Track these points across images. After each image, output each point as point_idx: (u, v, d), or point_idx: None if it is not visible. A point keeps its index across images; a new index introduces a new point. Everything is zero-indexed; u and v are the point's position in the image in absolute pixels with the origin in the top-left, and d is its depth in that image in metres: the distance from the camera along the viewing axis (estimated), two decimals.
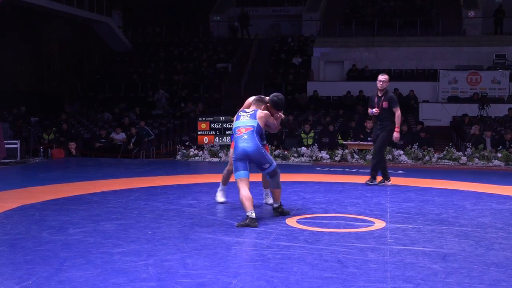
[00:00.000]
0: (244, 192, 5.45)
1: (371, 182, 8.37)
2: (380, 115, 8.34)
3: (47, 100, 20.38)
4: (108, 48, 24.11)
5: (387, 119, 8.33)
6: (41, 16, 20.00)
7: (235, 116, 6.02)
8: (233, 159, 5.78)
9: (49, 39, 21.03)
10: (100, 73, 23.33)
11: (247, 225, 5.20)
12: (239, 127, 5.86)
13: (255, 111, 5.86)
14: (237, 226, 5.22)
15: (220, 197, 6.60)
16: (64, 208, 6.14)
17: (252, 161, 5.68)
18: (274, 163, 5.81)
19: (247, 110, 5.99)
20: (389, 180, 8.46)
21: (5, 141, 11.32)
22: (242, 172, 5.59)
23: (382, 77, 8.34)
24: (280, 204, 5.92)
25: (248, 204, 5.34)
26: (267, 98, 5.99)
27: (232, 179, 6.15)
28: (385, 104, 8.25)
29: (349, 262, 4.06)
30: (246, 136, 5.71)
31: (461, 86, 19.69)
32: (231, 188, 6.55)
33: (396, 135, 8.32)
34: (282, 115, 6.04)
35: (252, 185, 5.75)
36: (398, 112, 8.26)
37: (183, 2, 27.09)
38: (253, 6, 26.64)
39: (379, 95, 8.36)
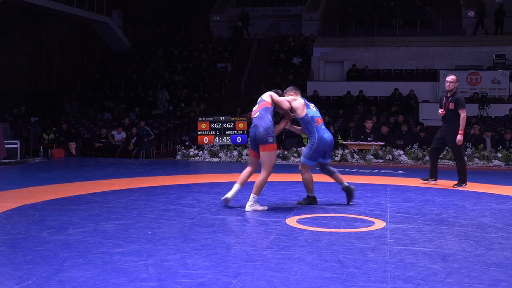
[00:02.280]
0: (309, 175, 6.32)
1: (458, 187, 8.27)
2: (446, 116, 8.23)
3: (47, 100, 20.39)
4: (108, 48, 24.11)
5: (452, 120, 8.15)
6: (41, 16, 20.00)
7: (304, 103, 6.35)
8: (315, 148, 6.22)
9: (49, 39, 21.03)
10: (100, 73, 23.34)
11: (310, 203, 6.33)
12: (316, 116, 6.36)
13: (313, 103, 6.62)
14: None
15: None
16: (64, 208, 6.14)
17: (330, 150, 6.46)
18: None
19: (306, 100, 6.46)
20: (466, 184, 8.36)
21: (5, 141, 11.32)
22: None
23: (449, 78, 8.23)
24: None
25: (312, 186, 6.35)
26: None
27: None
28: (451, 105, 8.12)
29: (349, 262, 4.06)
30: (324, 127, 6.35)
31: (461, 86, 19.59)
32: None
33: (459, 137, 8.05)
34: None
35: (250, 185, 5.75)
36: (463, 114, 8.03)
37: (183, 2, 27.09)
38: (253, 6, 26.63)
39: (448, 96, 8.25)
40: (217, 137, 13.26)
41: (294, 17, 26.26)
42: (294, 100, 6.32)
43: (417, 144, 12.64)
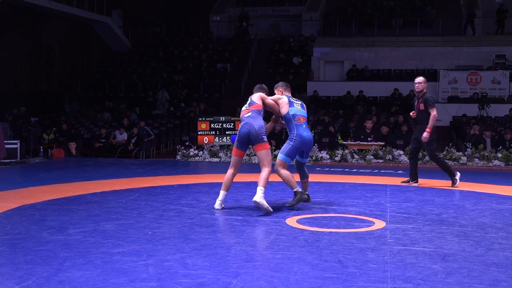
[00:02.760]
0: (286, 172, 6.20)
1: (455, 184, 8.32)
2: (418, 117, 8.36)
3: (47, 100, 20.39)
4: (108, 48, 24.11)
5: (425, 121, 8.21)
6: (41, 16, 20.00)
7: (288, 101, 6.34)
8: (293, 145, 6.18)
9: (49, 39, 21.03)
10: (100, 73, 23.34)
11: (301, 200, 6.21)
12: (298, 115, 6.29)
13: (302, 101, 6.55)
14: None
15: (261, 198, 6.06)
16: (64, 208, 6.14)
17: (308, 150, 6.39)
18: None
19: (291, 97, 6.44)
20: (416, 182, 8.50)
21: (5, 141, 11.32)
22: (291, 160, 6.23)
23: (418, 80, 8.36)
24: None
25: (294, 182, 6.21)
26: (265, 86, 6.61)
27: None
28: (421, 106, 8.23)
29: (349, 262, 4.06)
30: (304, 126, 6.29)
31: (461, 86, 19.70)
32: (231, 189, 6.53)
33: (425, 134, 8.13)
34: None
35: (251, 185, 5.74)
36: (433, 113, 8.11)
37: (183, 2, 27.09)
38: (253, 6, 26.63)
39: (418, 97, 8.38)
40: (217, 137, 13.26)
41: (294, 17, 26.26)
42: (279, 99, 6.37)
43: None
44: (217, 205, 6.16)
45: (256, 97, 6.28)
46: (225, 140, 13.25)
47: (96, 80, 22.68)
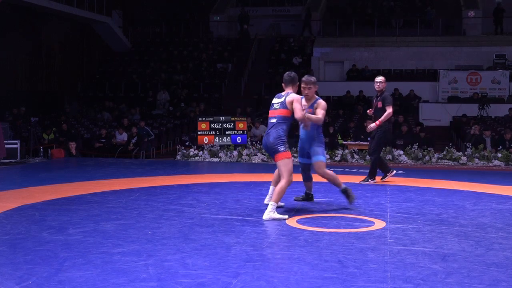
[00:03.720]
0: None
1: (366, 181, 8.70)
2: (375, 115, 8.55)
3: (47, 100, 20.39)
4: (108, 48, 24.11)
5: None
6: (41, 16, 19.99)
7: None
8: (323, 145, 6.25)
9: (49, 39, 21.03)
10: (100, 73, 23.33)
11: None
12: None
13: None
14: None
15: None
16: (64, 208, 6.14)
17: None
18: None
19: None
20: (374, 180, 8.72)
21: (5, 141, 11.32)
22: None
23: (378, 79, 8.61)
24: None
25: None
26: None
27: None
28: (379, 104, 8.45)
29: (349, 262, 4.06)
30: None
31: (461, 86, 19.69)
32: (231, 189, 6.53)
33: (372, 125, 8.43)
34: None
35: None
36: (389, 110, 8.32)
37: (183, 2, 27.08)
38: (253, 6, 26.63)
39: (377, 95, 8.63)
40: (217, 137, 13.25)
41: (294, 17, 26.25)
42: (320, 105, 6.28)
43: (417, 144, 12.64)
44: (267, 200, 6.25)
45: (291, 98, 5.89)
46: (225, 140, 13.25)
47: (96, 80, 22.67)
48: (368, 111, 8.77)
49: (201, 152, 12.91)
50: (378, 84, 8.52)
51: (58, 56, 21.61)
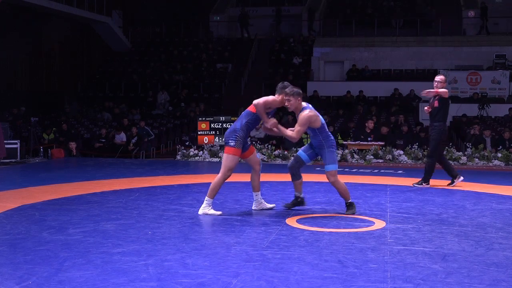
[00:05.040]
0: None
1: (420, 184, 8.38)
2: (432, 114, 8.48)
3: (47, 100, 20.38)
4: (108, 48, 24.10)
5: (437, 118, 8.40)
6: (41, 16, 19.99)
7: (316, 113, 5.91)
8: (335, 151, 5.98)
9: (49, 39, 21.02)
10: (99, 72, 23.33)
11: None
12: (325, 122, 6.11)
13: None
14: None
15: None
16: (64, 208, 6.14)
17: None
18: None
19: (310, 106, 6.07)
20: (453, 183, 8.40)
21: (5, 141, 11.32)
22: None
23: (437, 78, 8.54)
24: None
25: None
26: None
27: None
28: (436, 103, 8.37)
29: (349, 262, 4.06)
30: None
31: (461, 86, 19.68)
32: (231, 189, 6.54)
33: (429, 91, 8.40)
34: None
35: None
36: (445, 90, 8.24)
37: (183, 2, 27.07)
38: (253, 6, 26.62)
39: (435, 95, 8.48)
40: (217, 137, 13.25)
41: (294, 17, 26.24)
42: (310, 117, 5.84)
43: (417, 144, 12.63)
44: (255, 207, 6.15)
45: (257, 101, 5.79)
46: None
47: (96, 80, 22.66)
48: (425, 108, 8.67)
49: (201, 152, 12.91)
50: (436, 83, 8.43)
51: (58, 56, 21.60)
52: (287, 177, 8.97)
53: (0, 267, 3.85)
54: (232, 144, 5.76)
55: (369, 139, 12.82)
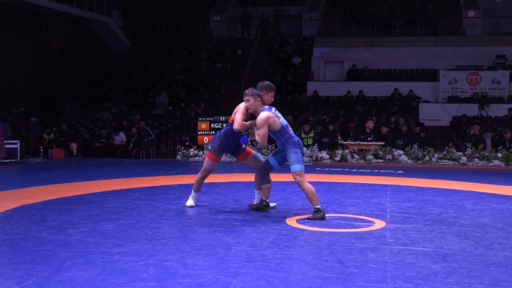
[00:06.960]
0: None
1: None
2: None
3: (47, 100, 20.39)
4: (108, 48, 24.11)
5: None
6: (41, 16, 19.99)
7: (275, 113, 5.96)
8: (301, 152, 5.79)
9: (49, 39, 21.02)
10: (99, 73, 23.33)
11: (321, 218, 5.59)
12: (287, 123, 6.04)
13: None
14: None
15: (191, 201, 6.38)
16: (64, 208, 6.14)
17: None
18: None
19: (273, 109, 6.10)
20: None
21: (5, 141, 11.32)
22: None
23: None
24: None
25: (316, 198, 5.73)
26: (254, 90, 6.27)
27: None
28: None
29: (349, 262, 4.06)
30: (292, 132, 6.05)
31: (461, 86, 19.69)
32: (231, 189, 6.53)
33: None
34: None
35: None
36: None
37: (183, 2, 27.08)
38: (253, 6, 26.62)
39: None
40: None
41: (294, 17, 26.24)
42: (267, 121, 5.85)
43: (417, 144, 12.63)
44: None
45: (234, 125, 6.04)
46: None
47: (96, 80, 22.67)
48: None
49: (201, 152, 12.91)
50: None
51: (58, 56, 21.61)
52: (287, 177, 8.99)
53: (0, 267, 3.85)
54: (209, 148, 6.23)
55: (369, 139, 12.82)
